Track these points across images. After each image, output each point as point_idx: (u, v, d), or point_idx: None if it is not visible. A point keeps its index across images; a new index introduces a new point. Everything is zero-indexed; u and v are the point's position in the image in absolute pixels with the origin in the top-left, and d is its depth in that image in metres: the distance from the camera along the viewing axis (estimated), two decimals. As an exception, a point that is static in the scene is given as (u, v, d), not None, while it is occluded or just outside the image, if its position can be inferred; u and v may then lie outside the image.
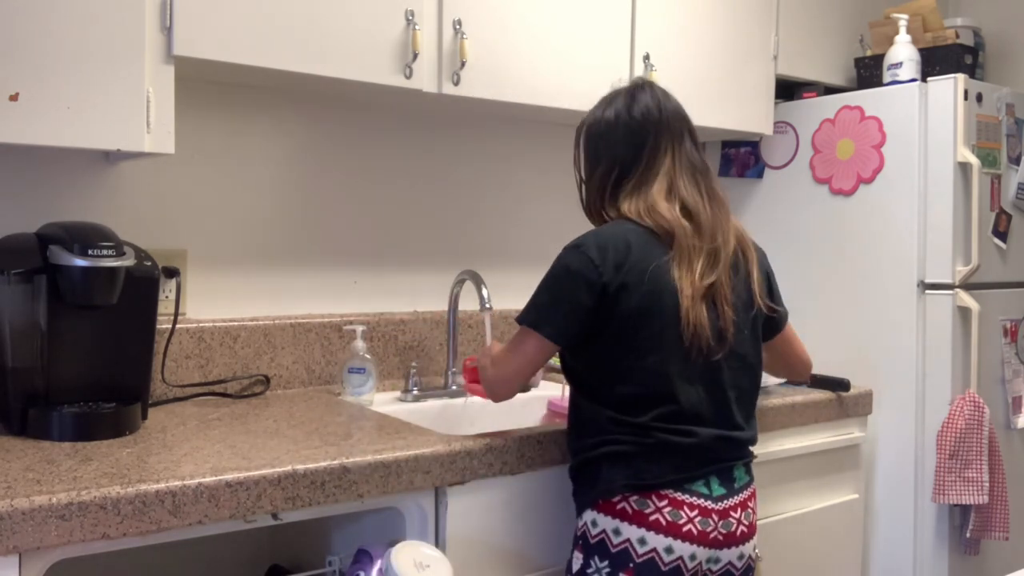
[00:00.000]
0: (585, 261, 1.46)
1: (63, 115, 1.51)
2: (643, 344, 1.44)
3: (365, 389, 1.99)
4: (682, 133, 1.57)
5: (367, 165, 2.23)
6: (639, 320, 1.44)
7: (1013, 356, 2.58)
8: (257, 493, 1.32)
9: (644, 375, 1.45)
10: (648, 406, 1.44)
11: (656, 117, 1.56)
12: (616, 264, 1.45)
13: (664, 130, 1.55)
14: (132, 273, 1.60)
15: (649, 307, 1.44)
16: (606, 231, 1.51)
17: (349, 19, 1.82)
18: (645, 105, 1.57)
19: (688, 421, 1.45)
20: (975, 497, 2.32)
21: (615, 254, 1.46)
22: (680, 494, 1.43)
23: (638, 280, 1.45)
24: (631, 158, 1.55)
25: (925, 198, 2.43)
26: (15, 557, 1.16)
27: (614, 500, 1.43)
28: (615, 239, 1.48)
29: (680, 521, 1.41)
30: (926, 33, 2.65)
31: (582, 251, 1.48)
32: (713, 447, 1.47)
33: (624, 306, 1.44)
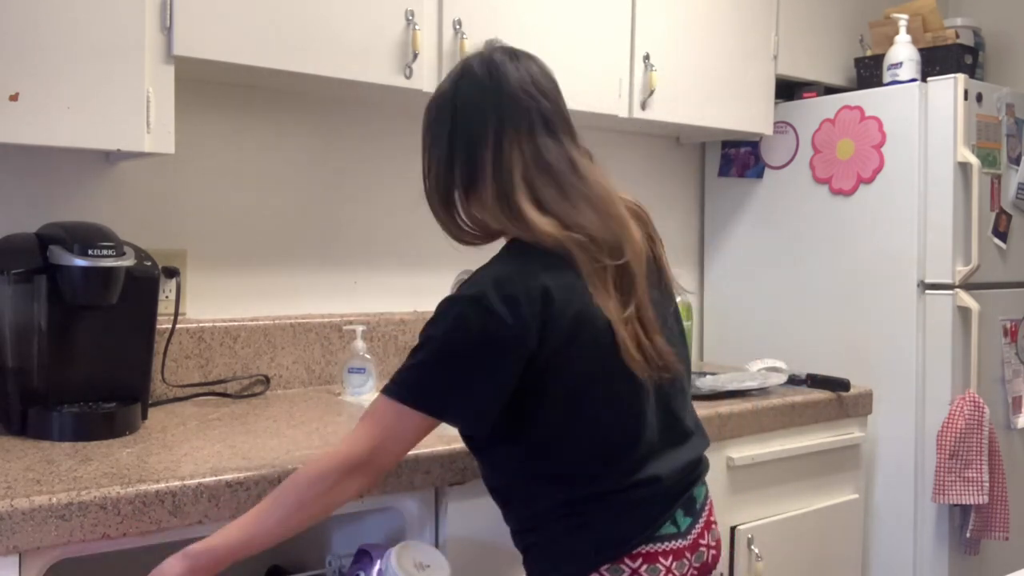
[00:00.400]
0: (497, 323, 1.15)
1: (63, 115, 1.51)
2: (592, 404, 1.21)
3: (365, 389, 1.99)
4: (531, 122, 1.25)
5: (367, 165, 2.23)
6: (584, 382, 1.20)
7: (1013, 356, 2.58)
8: (257, 493, 1.32)
9: (596, 437, 1.22)
10: (606, 468, 1.22)
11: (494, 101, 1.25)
12: (540, 322, 1.16)
13: (505, 119, 1.24)
14: (132, 273, 1.60)
15: (593, 357, 1.20)
16: (502, 273, 1.19)
17: (349, 19, 1.82)
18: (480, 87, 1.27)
19: (648, 465, 1.24)
20: (975, 497, 2.32)
21: (532, 306, 1.16)
22: (653, 545, 1.23)
23: (574, 330, 1.18)
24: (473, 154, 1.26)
25: (925, 198, 2.43)
26: (15, 557, 1.16)
27: None
28: (523, 283, 1.17)
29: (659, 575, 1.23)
30: (926, 33, 2.66)
31: (486, 307, 1.15)
32: (676, 483, 1.28)
33: (565, 373, 1.19)
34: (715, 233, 2.90)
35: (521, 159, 1.24)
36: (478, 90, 1.26)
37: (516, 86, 1.26)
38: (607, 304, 1.21)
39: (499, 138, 1.24)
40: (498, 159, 1.24)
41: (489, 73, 1.27)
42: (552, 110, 1.28)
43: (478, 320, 1.15)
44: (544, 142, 1.25)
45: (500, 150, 1.24)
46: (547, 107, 1.28)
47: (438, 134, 1.30)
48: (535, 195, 1.23)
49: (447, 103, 1.29)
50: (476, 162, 1.25)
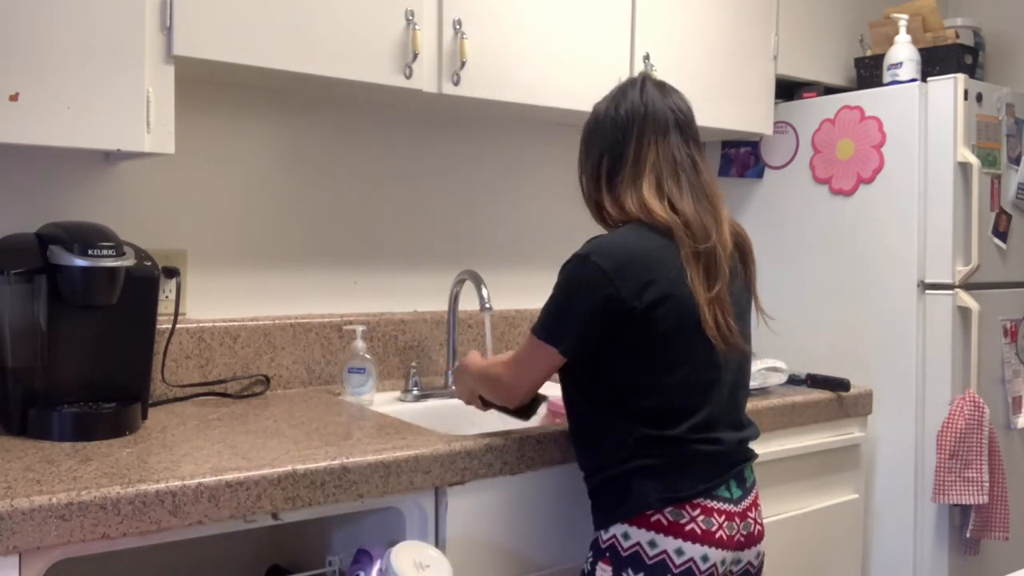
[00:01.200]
0: (598, 274, 1.43)
1: (63, 115, 1.51)
2: (672, 359, 1.43)
3: (365, 389, 1.99)
4: (667, 127, 1.55)
5: (367, 165, 2.23)
6: (666, 336, 1.43)
7: (1013, 356, 2.58)
8: (257, 493, 1.32)
9: (674, 389, 1.44)
10: (679, 419, 1.44)
11: (641, 112, 1.54)
12: (635, 278, 1.42)
13: (647, 124, 1.54)
14: (132, 273, 1.60)
15: (675, 322, 1.42)
16: (615, 238, 1.48)
17: (349, 19, 1.82)
18: (632, 101, 1.56)
19: (714, 428, 1.47)
20: (975, 497, 2.32)
21: (632, 266, 1.43)
22: (710, 501, 1.44)
23: (662, 295, 1.42)
24: (618, 151, 1.55)
25: (925, 198, 2.43)
26: (15, 557, 1.16)
27: (648, 513, 1.42)
28: (627, 248, 1.45)
29: (712, 528, 1.42)
30: (926, 33, 2.66)
31: (593, 262, 1.44)
32: (733, 452, 1.49)
33: (650, 324, 1.42)
34: (715, 233, 2.90)
35: (655, 154, 1.53)
36: (630, 106, 1.56)
37: (660, 103, 1.56)
38: (695, 280, 1.44)
39: (641, 138, 1.54)
40: (638, 153, 1.53)
41: (641, 93, 1.57)
42: (685, 122, 1.57)
43: (586, 274, 1.44)
44: (676, 143, 1.55)
45: (640, 146, 1.53)
46: (682, 119, 1.57)
47: (596, 139, 1.59)
48: (658, 182, 1.51)
49: (605, 117, 1.58)
50: (621, 157, 1.54)
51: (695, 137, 1.59)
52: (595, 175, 1.59)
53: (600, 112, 1.60)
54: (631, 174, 1.53)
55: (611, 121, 1.56)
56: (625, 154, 1.54)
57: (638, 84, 1.59)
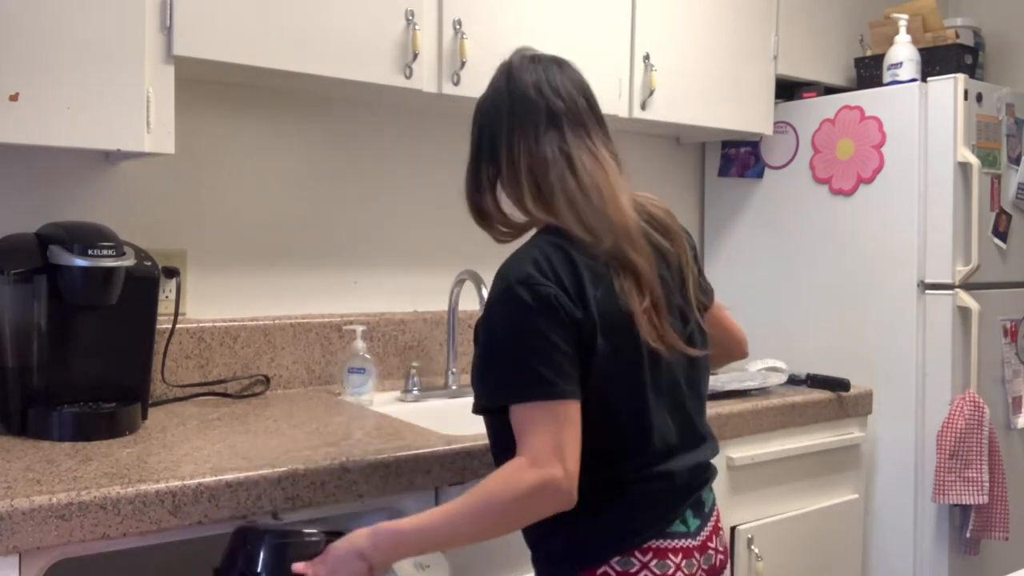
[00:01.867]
0: (549, 296, 1.18)
1: (63, 115, 1.51)
2: (616, 390, 1.22)
3: (365, 389, 1.99)
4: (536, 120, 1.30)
5: (367, 165, 2.23)
6: (610, 364, 1.21)
7: (1013, 356, 2.58)
8: (257, 493, 1.32)
9: (617, 426, 1.23)
10: (621, 459, 1.23)
11: (508, 106, 1.32)
12: (576, 295, 1.20)
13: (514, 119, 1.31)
14: (132, 273, 1.60)
15: (616, 346, 1.21)
16: (541, 251, 1.24)
17: (349, 19, 1.82)
18: (496, 91, 1.35)
19: (661, 461, 1.26)
20: (975, 497, 2.32)
21: (570, 280, 1.20)
22: (663, 541, 1.24)
23: (599, 312, 1.20)
24: (491, 152, 1.34)
25: (925, 198, 2.43)
26: (15, 557, 1.16)
27: (593, 567, 1.23)
28: (558, 263, 1.21)
29: (669, 572, 1.24)
30: (926, 33, 2.66)
31: (535, 284, 1.18)
32: (686, 481, 1.29)
33: (597, 351, 1.19)
34: (715, 233, 2.90)
35: (527, 154, 1.30)
36: (496, 93, 1.35)
37: (529, 86, 1.32)
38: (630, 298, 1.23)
39: (511, 137, 1.31)
40: (510, 157, 1.31)
41: (508, 77, 1.34)
42: (563, 109, 1.32)
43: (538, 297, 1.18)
44: (548, 138, 1.30)
45: (511, 148, 1.31)
46: (558, 106, 1.31)
47: (473, 141, 1.40)
48: (538, 188, 1.29)
49: (477, 110, 1.39)
50: (497, 161, 1.34)
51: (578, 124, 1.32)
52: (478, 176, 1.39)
53: (477, 108, 1.40)
54: (509, 181, 1.33)
55: (478, 113, 1.38)
56: (499, 156, 1.33)
57: (505, 67, 1.36)
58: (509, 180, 1.32)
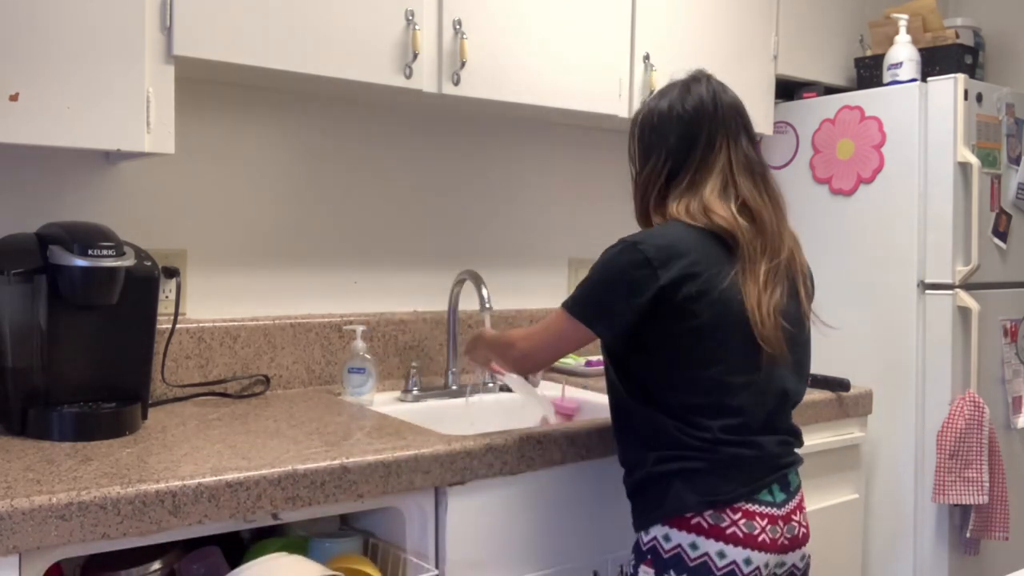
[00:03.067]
0: (643, 262, 1.40)
1: (63, 115, 1.51)
2: (710, 355, 1.41)
3: (365, 389, 1.99)
4: (738, 129, 1.52)
5: (367, 165, 2.23)
6: (705, 332, 1.41)
7: (1013, 356, 2.58)
8: (257, 493, 1.32)
9: (710, 385, 1.41)
10: (713, 416, 1.42)
11: (710, 111, 1.50)
12: (678, 269, 1.40)
13: (719, 125, 1.50)
14: (132, 273, 1.60)
15: (715, 318, 1.40)
16: (666, 231, 1.45)
17: (349, 19, 1.82)
18: (699, 97, 1.51)
19: (752, 431, 1.44)
20: (975, 497, 2.32)
21: (677, 258, 1.41)
22: (751, 505, 1.41)
23: (703, 289, 1.40)
24: (684, 153, 1.50)
25: (925, 198, 2.43)
26: (15, 557, 1.16)
27: (688, 516, 1.41)
28: (676, 241, 1.42)
29: (755, 532, 1.40)
30: (926, 33, 2.66)
31: (640, 250, 1.41)
32: (774, 456, 1.47)
33: (689, 316, 1.40)
34: (715, 233, 2.90)
35: (725, 156, 1.49)
36: (699, 103, 1.51)
37: (729, 104, 1.53)
38: (747, 286, 1.43)
39: (712, 139, 1.50)
40: (707, 155, 1.49)
41: (707, 90, 1.53)
42: (751, 125, 1.56)
43: (633, 260, 1.41)
44: (747, 145, 1.53)
45: (711, 147, 1.49)
46: (748, 123, 1.55)
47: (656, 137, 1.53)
48: (725, 184, 1.48)
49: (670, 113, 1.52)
50: (686, 157, 1.50)
51: (756, 139, 1.56)
52: (653, 178, 1.53)
53: (663, 109, 1.53)
54: (693, 178, 1.49)
55: (677, 119, 1.51)
56: (692, 156, 1.49)
57: (703, 81, 1.54)
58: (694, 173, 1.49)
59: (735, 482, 1.41)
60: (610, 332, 1.46)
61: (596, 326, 1.46)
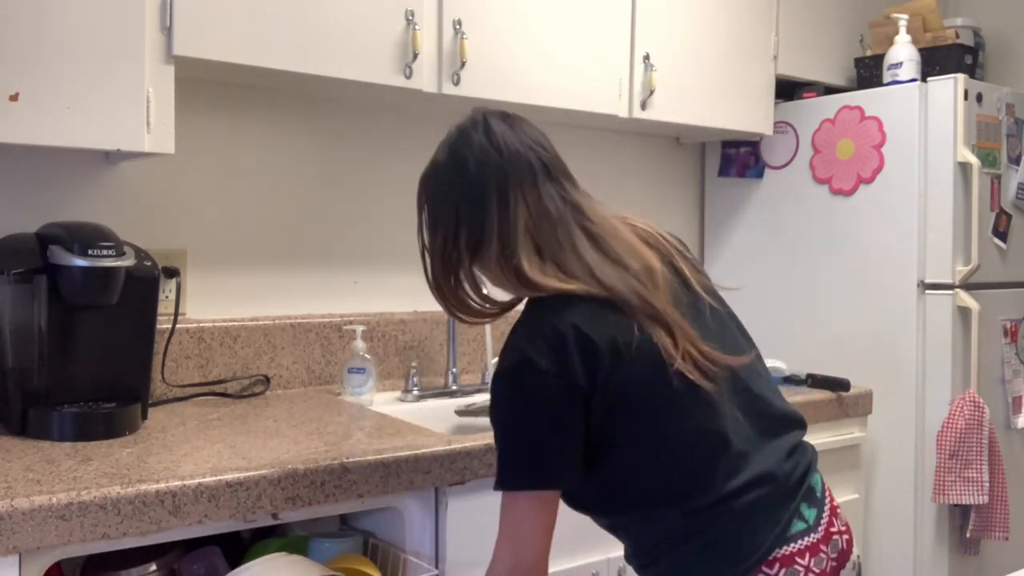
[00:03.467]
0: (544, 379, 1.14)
1: (63, 115, 1.51)
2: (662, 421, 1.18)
3: (365, 389, 1.99)
4: (533, 173, 1.24)
5: (367, 165, 2.23)
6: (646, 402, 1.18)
7: (1013, 356, 2.58)
8: (257, 493, 1.32)
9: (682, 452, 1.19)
10: (706, 479, 1.19)
11: (496, 159, 1.24)
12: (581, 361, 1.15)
13: (509, 174, 1.23)
14: (132, 273, 1.60)
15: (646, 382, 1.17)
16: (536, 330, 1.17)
17: (349, 19, 1.82)
18: (479, 145, 1.25)
19: (752, 463, 1.21)
20: (975, 497, 2.32)
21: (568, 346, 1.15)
22: (785, 548, 1.19)
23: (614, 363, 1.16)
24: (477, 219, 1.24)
25: (925, 198, 2.43)
26: (15, 557, 1.16)
27: None
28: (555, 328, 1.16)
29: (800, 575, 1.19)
30: (926, 33, 2.66)
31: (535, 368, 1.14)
32: (789, 475, 1.24)
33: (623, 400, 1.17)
34: (715, 233, 2.90)
35: (525, 210, 1.23)
36: (479, 150, 1.26)
37: (515, 142, 1.27)
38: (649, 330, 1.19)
39: (503, 193, 1.23)
40: (503, 214, 1.23)
41: (487, 134, 1.27)
42: (550, 159, 1.28)
43: (530, 384, 1.15)
44: (547, 190, 1.25)
45: (505, 204, 1.23)
46: (546, 156, 1.28)
47: (441, 203, 1.29)
48: (537, 249, 1.22)
49: (448, 171, 1.28)
50: (482, 222, 1.24)
51: (565, 172, 1.30)
52: (449, 255, 1.28)
53: (440, 167, 1.29)
54: (498, 244, 1.22)
55: (460, 178, 1.26)
56: (487, 221, 1.23)
57: (480, 124, 1.29)
58: (499, 241, 1.22)
59: (760, 531, 1.19)
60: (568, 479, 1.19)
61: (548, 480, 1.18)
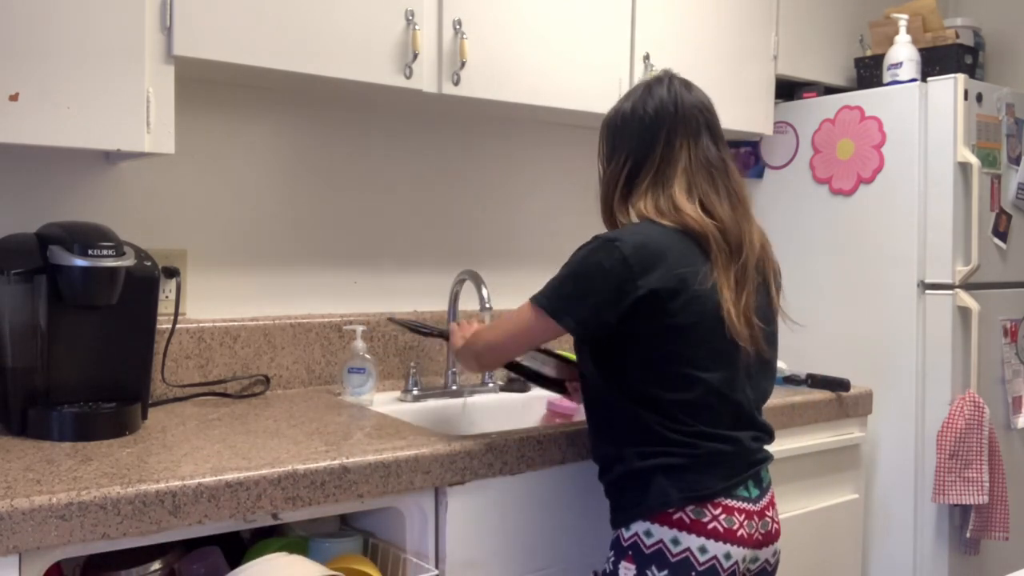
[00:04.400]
0: (619, 260, 1.40)
1: (63, 115, 1.51)
2: (690, 353, 1.42)
3: (365, 389, 1.99)
4: (698, 128, 1.52)
5: (367, 165, 2.23)
6: (684, 330, 1.41)
7: (1013, 356, 2.58)
8: (257, 493, 1.32)
9: (690, 382, 1.42)
10: (694, 412, 1.43)
11: (671, 111, 1.51)
12: (654, 268, 1.40)
13: (679, 124, 1.51)
14: (132, 273, 1.60)
15: (693, 317, 1.41)
16: (640, 229, 1.46)
17: (349, 19, 1.82)
18: (660, 98, 1.52)
19: (729, 427, 1.46)
20: (975, 497, 2.32)
21: (653, 257, 1.41)
22: (730, 500, 1.43)
23: (679, 288, 1.41)
24: (644, 153, 1.51)
25: (925, 198, 2.43)
26: (15, 557, 1.16)
27: (670, 511, 1.42)
28: (651, 240, 1.43)
29: (734, 527, 1.42)
30: (926, 33, 2.66)
31: (616, 247, 1.41)
32: (750, 452, 1.49)
33: (667, 315, 1.41)
34: (715, 233, 2.90)
35: (686, 156, 1.50)
36: (659, 104, 1.52)
37: (690, 103, 1.53)
38: (723, 282, 1.44)
39: (671, 138, 1.51)
40: (667, 154, 1.50)
41: (669, 90, 1.54)
42: (715, 123, 1.55)
43: (609, 257, 1.41)
44: (707, 144, 1.53)
45: (671, 147, 1.51)
46: (713, 121, 1.55)
47: (618, 139, 1.56)
48: (689, 184, 1.49)
49: (632, 116, 1.54)
50: (647, 159, 1.51)
51: (722, 137, 1.56)
52: (615, 178, 1.55)
53: (626, 111, 1.56)
54: (656, 178, 1.50)
55: (639, 121, 1.53)
56: (652, 156, 1.51)
57: (665, 82, 1.55)
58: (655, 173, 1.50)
59: (715, 477, 1.43)
60: (580, 327, 1.44)
61: (563, 319, 1.44)
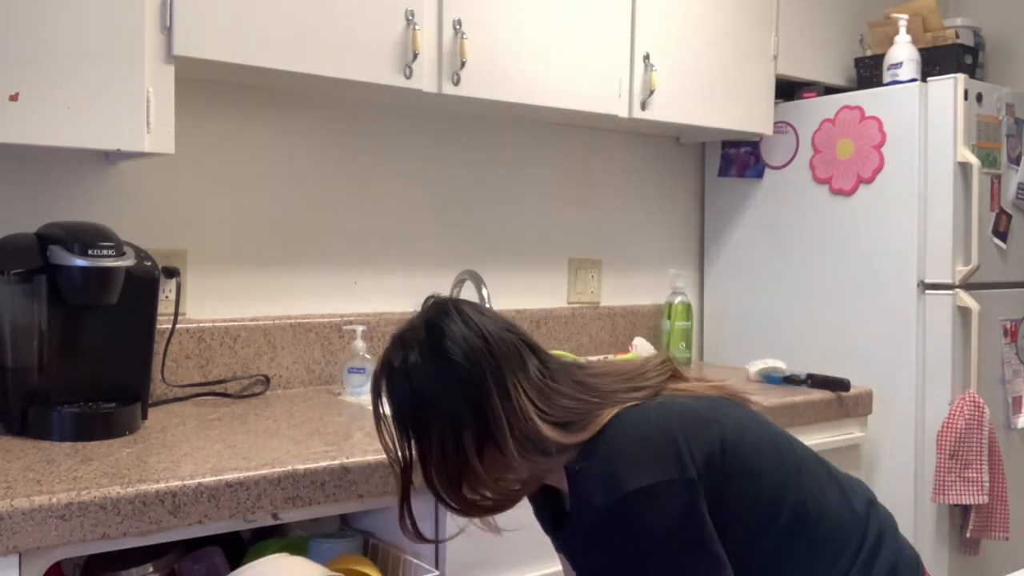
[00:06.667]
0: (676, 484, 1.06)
1: (63, 115, 1.51)
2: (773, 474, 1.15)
3: (365, 389, 1.99)
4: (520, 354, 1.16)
5: (367, 165, 2.23)
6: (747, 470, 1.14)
7: (1013, 356, 2.58)
8: (257, 493, 1.32)
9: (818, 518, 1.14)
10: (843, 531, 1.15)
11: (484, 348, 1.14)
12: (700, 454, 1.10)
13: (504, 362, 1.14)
14: (132, 273, 1.60)
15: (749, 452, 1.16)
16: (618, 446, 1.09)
17: (349, 19, 1.82)
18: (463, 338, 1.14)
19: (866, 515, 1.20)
20: (975, 497, 2.32)
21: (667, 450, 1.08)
22: None
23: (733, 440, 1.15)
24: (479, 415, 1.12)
25: (925, 198, 2.43)
26: (15, 557, 1.16)
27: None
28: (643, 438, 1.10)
29: None
30: (926, 33, 2.66)
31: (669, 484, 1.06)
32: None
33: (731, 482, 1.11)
34: (715, 233, 2.90)
35: (527, 394, 1.14)
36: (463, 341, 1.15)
37: (492, 326, 1.17)
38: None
39: (502, 382, 1.13)
40: (508, 404, 1.12)
41: (465, 323, 1.17)
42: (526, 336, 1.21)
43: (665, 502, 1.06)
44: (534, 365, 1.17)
45: (507, 395, 1.13)
46: (522, 334, 1.20)
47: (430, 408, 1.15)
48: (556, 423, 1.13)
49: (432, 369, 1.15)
50: (487, 419, 1.12)
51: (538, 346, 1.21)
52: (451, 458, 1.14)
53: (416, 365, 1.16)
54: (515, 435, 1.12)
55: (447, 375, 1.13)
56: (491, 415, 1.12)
57: (452, 312, 1.19)
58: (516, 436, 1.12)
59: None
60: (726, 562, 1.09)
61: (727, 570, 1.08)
